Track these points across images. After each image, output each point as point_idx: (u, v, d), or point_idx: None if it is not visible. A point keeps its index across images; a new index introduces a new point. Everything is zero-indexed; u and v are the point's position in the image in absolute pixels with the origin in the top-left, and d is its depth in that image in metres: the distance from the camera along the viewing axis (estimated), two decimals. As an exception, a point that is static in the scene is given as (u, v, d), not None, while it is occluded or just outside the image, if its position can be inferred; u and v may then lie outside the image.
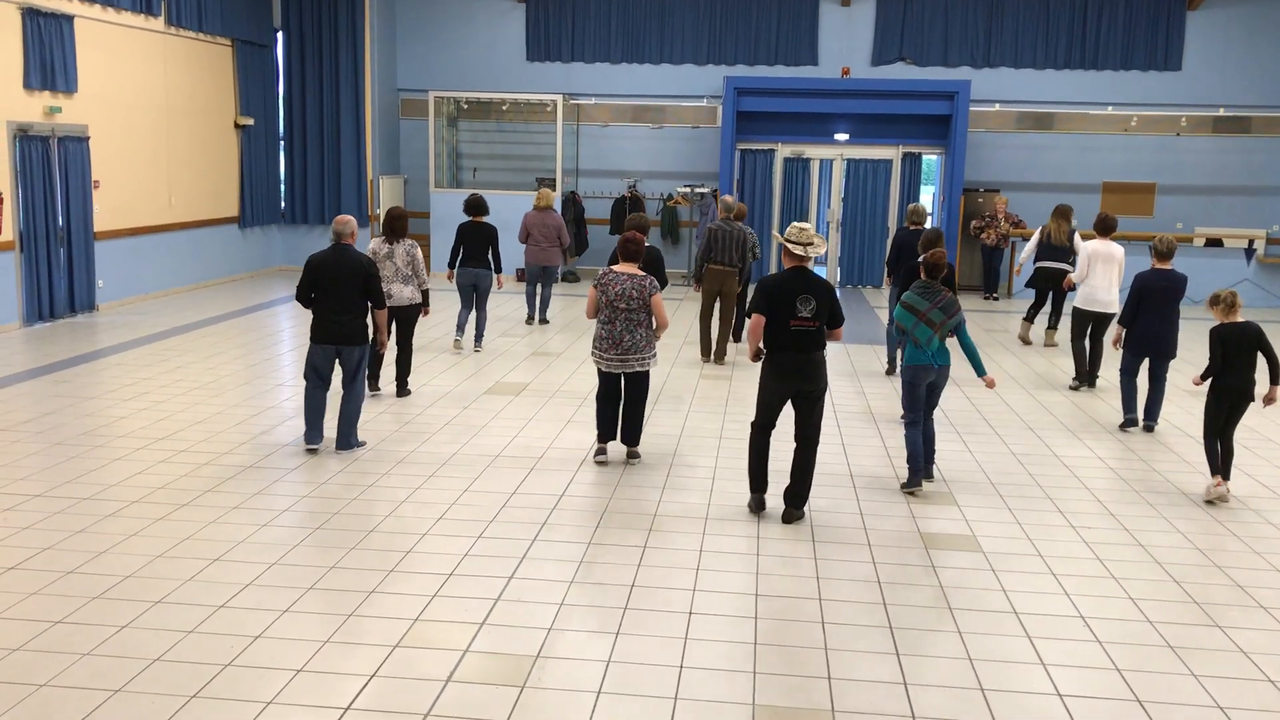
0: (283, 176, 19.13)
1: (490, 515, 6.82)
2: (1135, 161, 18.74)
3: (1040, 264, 13.13)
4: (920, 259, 9.33)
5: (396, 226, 9.72)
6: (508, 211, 16.64)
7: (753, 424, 6.92)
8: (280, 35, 18.61)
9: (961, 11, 18.64)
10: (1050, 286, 13.08)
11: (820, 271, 19.90)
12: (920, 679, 4.86)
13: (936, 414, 8.22)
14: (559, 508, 7.01)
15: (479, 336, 12.06)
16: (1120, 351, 9.44)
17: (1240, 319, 7.38)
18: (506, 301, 15.80)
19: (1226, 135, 18.51)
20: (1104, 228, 11.01)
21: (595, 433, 8.14)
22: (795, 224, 6.81)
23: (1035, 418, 9.81)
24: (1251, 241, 17.87)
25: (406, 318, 9.83)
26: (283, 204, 19.20)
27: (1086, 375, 10.96)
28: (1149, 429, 9.34)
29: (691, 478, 7.73)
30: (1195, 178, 18.67)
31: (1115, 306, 10.65)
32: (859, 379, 11.30)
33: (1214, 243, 17.80)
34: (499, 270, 11.99)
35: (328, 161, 18.87)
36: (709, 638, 5.20)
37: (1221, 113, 18.32)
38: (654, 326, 7.84)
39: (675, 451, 8.40)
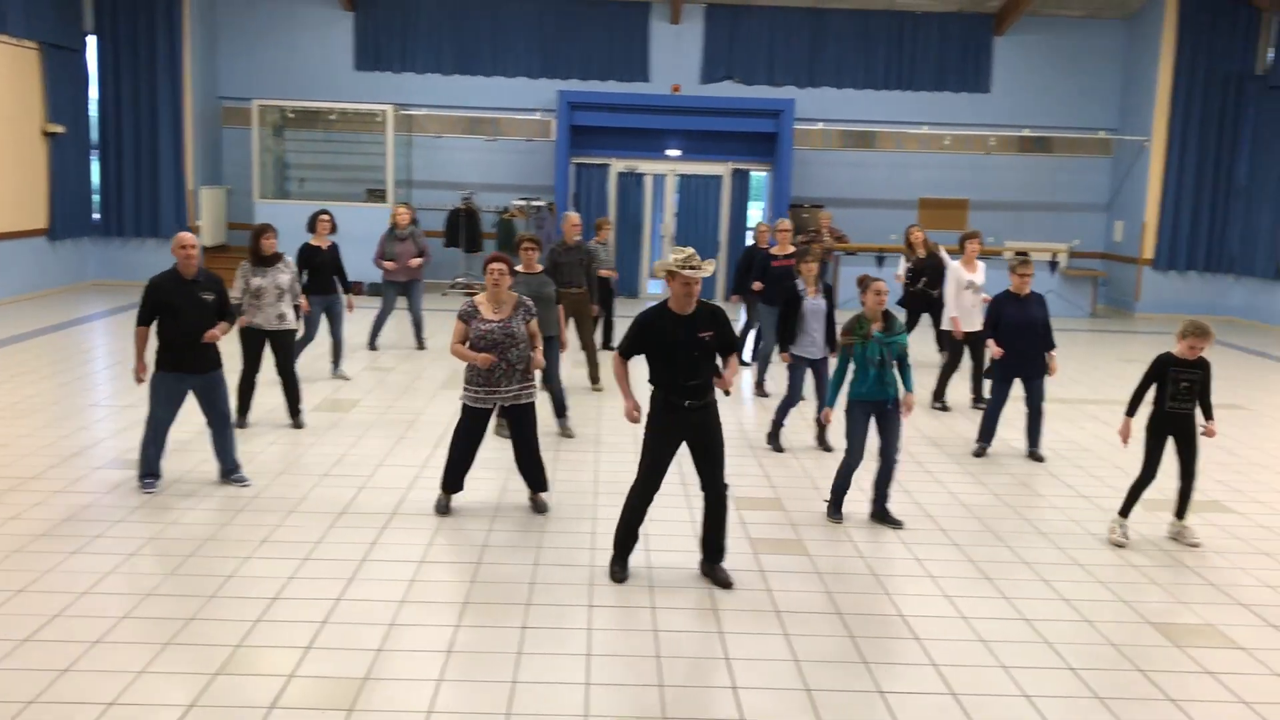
0: (96, 186, 18.25)
1: (318, 537, 6.67)
2: (949, 178, 19.69)
3: None
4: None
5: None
6: (341, 223, 16.25)
7: None
8: (92, 39, 17.77)
9: (786, 33, 19.23)
10: None
11: (654, 285, 20.21)
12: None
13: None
14: (390, 527, 6.91)
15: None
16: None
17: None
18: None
19: (1031, 154, 19.63)
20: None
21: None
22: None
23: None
24: (1055, 255, 18.98)
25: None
26: (96, 215, 18.31)
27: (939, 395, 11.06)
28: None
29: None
30: (1004, 194, 19.73)
31: (951, 324, 10.92)
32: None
33: (1021, 255, 18.80)
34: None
35: (144, 171, 18.11)
36: (541, 651, 5.22)
37: (1027, 133, 19.41)
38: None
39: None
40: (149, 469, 7.48)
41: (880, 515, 7.32)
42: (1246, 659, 5.42)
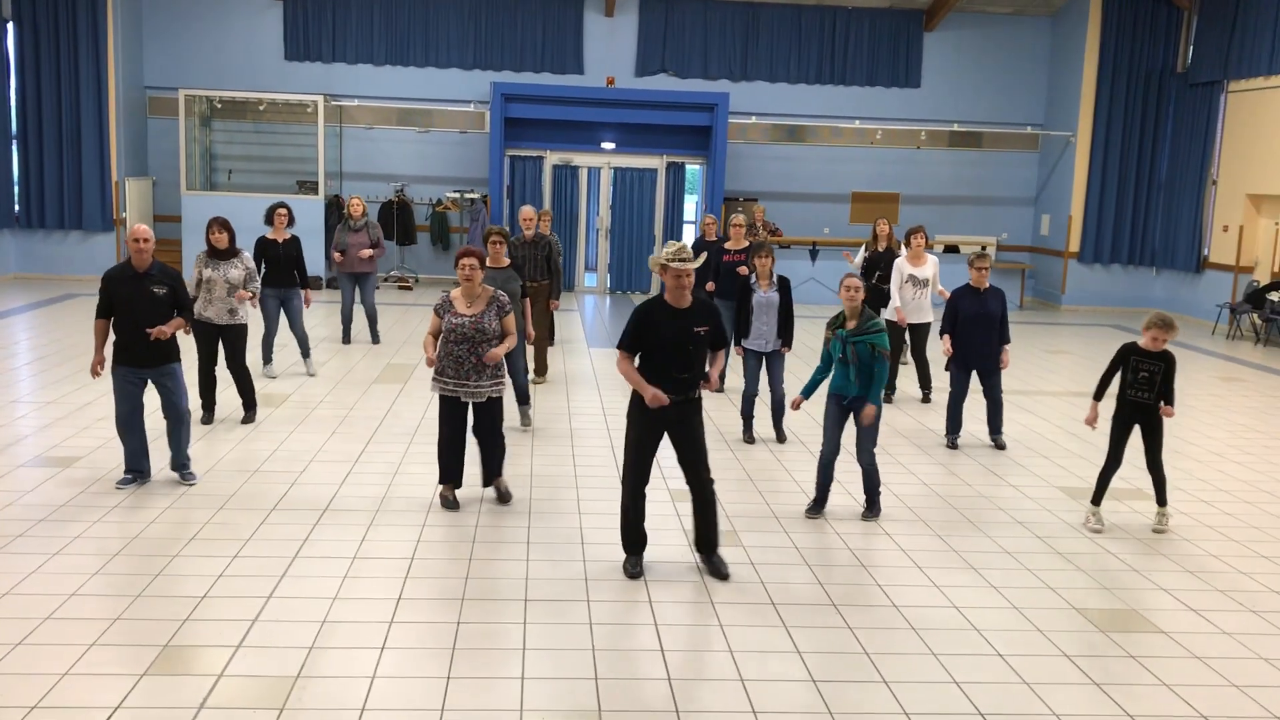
0: (16, 177, 17.77)
1: (249, 534, 6.58)
2: (880, 173, 19.92)
3: None
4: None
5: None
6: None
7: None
8: (10, 26, 17.28)
9: (720, 27, 19.31)
10: None
11: (590, 278, 20.19)
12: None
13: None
14: (322, 523, 6.84)
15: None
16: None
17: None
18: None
19: (961, 149, 19.94)
20: None
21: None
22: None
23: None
24: (984, 248, 19.28)
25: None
26: (17, 207, 17.84)
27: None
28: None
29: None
30: (934, 188, 20.01)
31: (895, 314, 11.02)
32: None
33: (951, 249, 19.10)
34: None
35: (67, 162, 17.67)
36: (476, 647, 5.20)
37: (956, 128, 19.71)
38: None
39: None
40: (127, 465, 7.38)
41: (869, 506, 7.40)
42: (1167, 642, 5.57)
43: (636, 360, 6.12)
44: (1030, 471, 8.73)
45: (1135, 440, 7.26)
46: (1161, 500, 7.39)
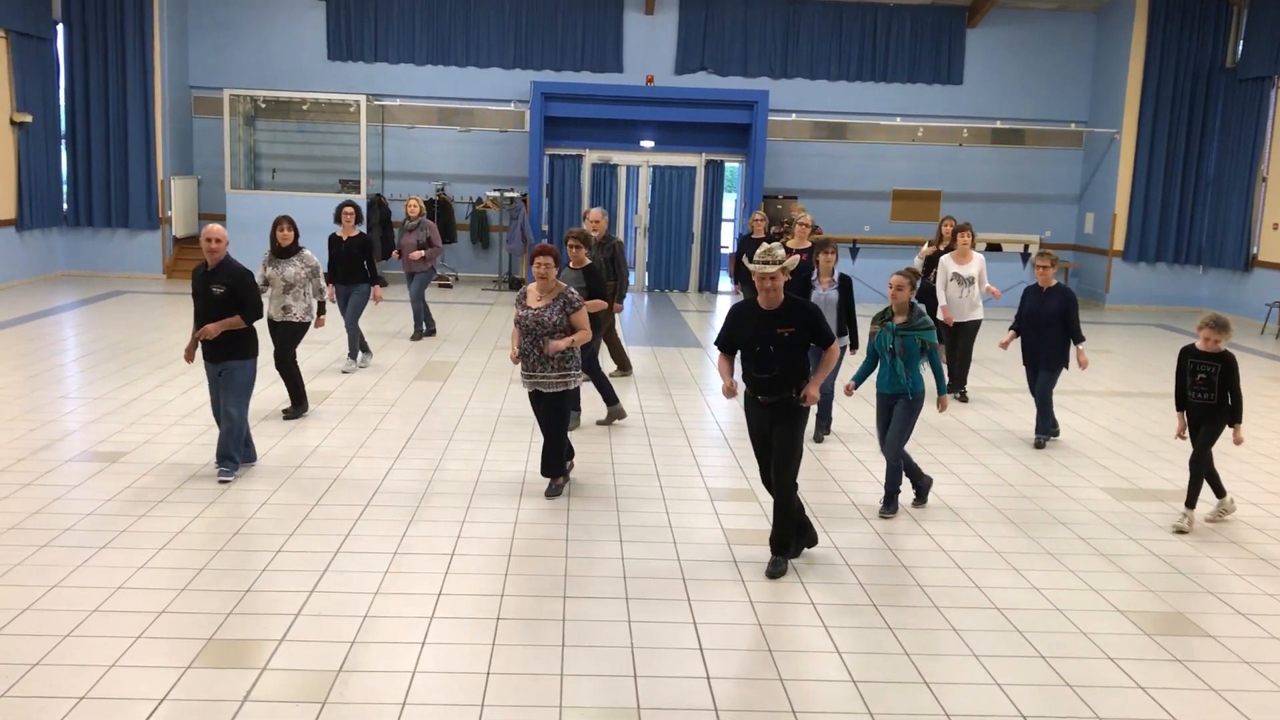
0: (65, 176, 18.05)
1: (291, 529, 6.64)
2: (922, 170, 19.76)
3: None
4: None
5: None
6: (314, 214, 16.20)
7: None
8: (61, 28, 17.55)
9: (760, 24, 19.25)
10: None
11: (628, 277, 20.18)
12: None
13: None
14: (364, 518, 6.89)
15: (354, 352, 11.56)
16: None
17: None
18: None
19: (1003, 146, 19.74)
20: None
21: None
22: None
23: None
24: (1027, 246, 19.08)
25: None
26: (65, 205, 18.12)
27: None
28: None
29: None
30: (976, 186, 19.82)
31: (941, 314, 10.87)
32: (667, 383, 11.53)
33: (994, 247, 18.91)
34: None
35: (114, 161, 17.92)
36: (515, 643, 5.22)
37: (999, 125, 19.51)
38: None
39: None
40: None
41: (886, 503, 7.43)
42: (1215, 646, 5.49)
43: (737, 359, 6.31)
44: (1073, 472, 8.63)
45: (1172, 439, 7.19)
46: (1190, 502, 7.31)
